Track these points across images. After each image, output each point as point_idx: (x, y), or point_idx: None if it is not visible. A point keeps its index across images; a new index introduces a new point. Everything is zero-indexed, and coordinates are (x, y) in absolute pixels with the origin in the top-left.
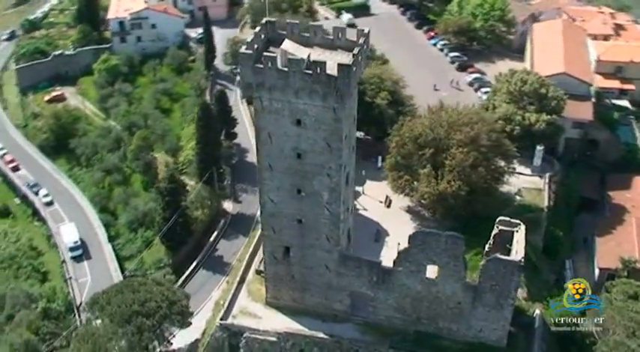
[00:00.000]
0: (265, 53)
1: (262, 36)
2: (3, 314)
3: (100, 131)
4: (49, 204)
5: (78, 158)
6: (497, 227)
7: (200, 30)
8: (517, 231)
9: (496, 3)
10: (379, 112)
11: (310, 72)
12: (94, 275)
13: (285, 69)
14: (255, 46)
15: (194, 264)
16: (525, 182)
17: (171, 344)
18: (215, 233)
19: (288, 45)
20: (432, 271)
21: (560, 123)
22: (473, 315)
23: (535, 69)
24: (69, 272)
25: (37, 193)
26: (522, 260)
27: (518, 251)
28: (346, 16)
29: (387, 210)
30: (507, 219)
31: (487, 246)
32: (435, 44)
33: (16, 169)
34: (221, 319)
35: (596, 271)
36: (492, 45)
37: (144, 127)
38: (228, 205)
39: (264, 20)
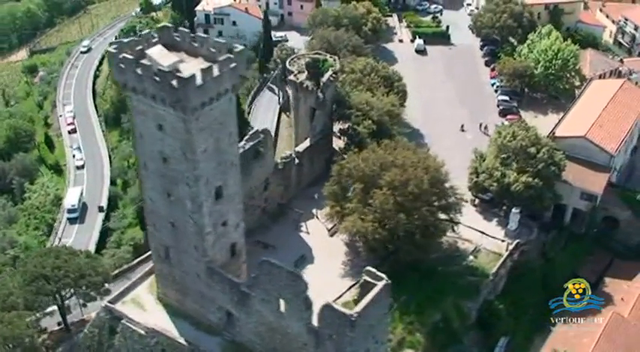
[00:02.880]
0: (124, 55)
1: (153, 39)
2: None
3: None
4: (80, 167)
5: (127, 132)
6: (363, 276)
7: (279, 33)
8: (376, 285)
9: (561, 51)
10: (359, 140)
11: (158, 79)
12: (76, 239)
13: (140, 72)
14: (139, 48)
15: None
16: (491, 244)
17: (70, 312)
18: None
19: (156, 50)
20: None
21: (553, 190)
22: None
23: (561, 127)
24: (57, 231)
25: (74, 156)
26: (355, 315)
27: (360, 305)
28: (417, 42)
29: (329, 238)
30: (374, 270)
31: (356, 295)
32: (493, 84)
33: (73, 132)
34: (109, 301)
35: None
36: (558, 96)
37: None
38: None
39: (160, 24)
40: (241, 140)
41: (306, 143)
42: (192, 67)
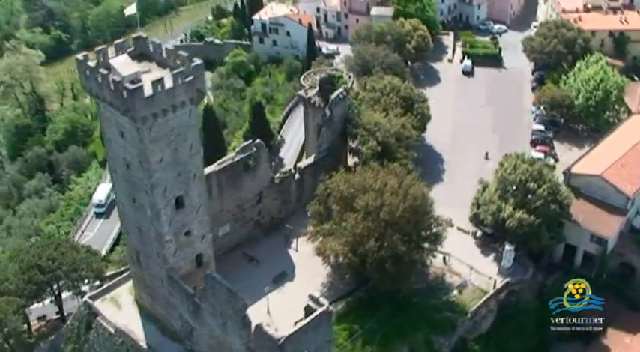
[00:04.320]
0: (88, 63)
1: (129, 48)
2: (13, 239)
3: None
4: None
5: None
6: (308, 300)
7: (332, 46)
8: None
9: (604, 81)
10: (364, 161)
11: (112, 88)
12: (98, 233)
13: (99, 80)
14: (112, 56)
15: None
16: (479, 280)
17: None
18: None
19: (120, 60)
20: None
21: (555, 229)
22: None
23: (580, 163)
24: (81, 223)
25: None
26: (282, 340)
27: (291, 330)
28: (465, 63)
29: (315, 257)
30: (316, 295)
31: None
32: (533, 112)
33: None
34: (90, 297)
35: None
36: (599, 129)
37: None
38: None
39: (135, 34)
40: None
41: (310, 159)
42: (155, 77)
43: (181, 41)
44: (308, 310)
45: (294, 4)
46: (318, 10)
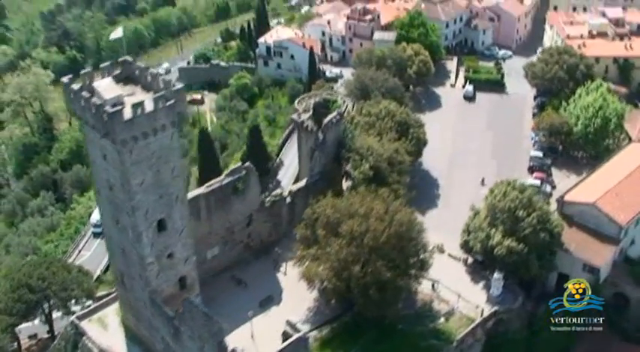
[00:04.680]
0: (72, 86)
1: (115, 71)
2: (10, 257)
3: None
4: None
5: None
6: (286, 326)
7: (336, 70)
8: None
9: (603, 109)
10: (355, 185)
11: (94, 111)
12: (94, 252)
13: (82, 103)
14: (98, 79)
15: None
16: (467, 308)
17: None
18: None
19: (104, 82)
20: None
21: (547, 258)
22: None
23: (574, 191)
24: (79, 243)
25: None
26: None
27: None
28: (466, 88)
29: (303, 282)
30: (294, 322)
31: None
32: (532, 138)
33: None
34: (77, 317)
35: None
36: (598, 157)
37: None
38: None
39: (121, 58)
40: (264, 174)
41: (302, 183)
42: (138, 100)
43: (188, 63)
44: (285, 336)
45: (300, 27)
46: (323, 33)
